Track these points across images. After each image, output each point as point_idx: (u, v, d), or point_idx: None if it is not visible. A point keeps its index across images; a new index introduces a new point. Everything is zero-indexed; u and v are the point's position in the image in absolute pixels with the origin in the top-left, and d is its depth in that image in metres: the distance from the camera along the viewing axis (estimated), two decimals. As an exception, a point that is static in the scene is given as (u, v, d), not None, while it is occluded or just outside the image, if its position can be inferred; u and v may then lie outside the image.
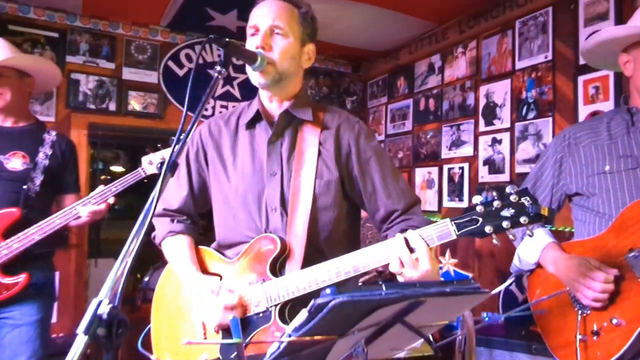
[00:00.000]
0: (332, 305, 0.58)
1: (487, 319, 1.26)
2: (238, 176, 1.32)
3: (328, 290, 0.61)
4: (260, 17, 1.25)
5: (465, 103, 3.30)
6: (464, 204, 3.26)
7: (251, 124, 1.36)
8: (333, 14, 3.18)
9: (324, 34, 1.37)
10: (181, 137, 1.00)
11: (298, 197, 1.25)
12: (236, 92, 3.80)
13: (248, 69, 1.27)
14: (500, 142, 3.01)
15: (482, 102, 3.15)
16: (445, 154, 3.45)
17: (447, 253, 3.11)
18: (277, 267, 1.21)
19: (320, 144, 1.29)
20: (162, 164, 0.98)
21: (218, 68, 1.09)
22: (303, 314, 0.64)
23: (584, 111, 2.50)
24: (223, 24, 3.43)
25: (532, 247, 1.47)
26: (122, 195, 2.10)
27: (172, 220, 1.41)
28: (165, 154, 2.02)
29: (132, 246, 0.94)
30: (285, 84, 1.30)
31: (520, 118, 2.87)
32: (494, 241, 0.95)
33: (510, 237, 0.97)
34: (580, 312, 1.30)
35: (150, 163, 2.06)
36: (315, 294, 1.11)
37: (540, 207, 0.91)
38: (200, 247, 1.39)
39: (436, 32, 3.55)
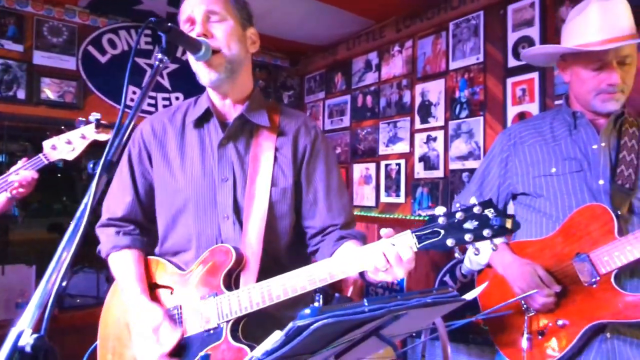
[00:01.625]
0: (314, 328, 0.52)
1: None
2: (186, 179, 1.21)
3: (307, 311, 0.55)
4: (194, 6, 1.16)
5: (401, 101, 3.37)
6: (401, 200, 3.34)
7: (200, 123, 1.25)
8: (269, 5, 3.08)
9: (260, 25, 1.30)
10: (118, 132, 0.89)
11: (252, 205, 1.17)
12: (166, 83, 3.56)
13: (195, 66, 1.17)
14: (435, 139, 3.12)
15: (418, 100, 3.24)
16: (382, 150, 3.51)
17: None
18: (232, 280, 1.12)
19: (276, 149, 1.22)
20: (95, 163, 0.85)
21: (159, 56, 0.98)
22: (277, 336, 0.58)
23: (512, 111, 2.65)
24: (151, 8, 3.18)
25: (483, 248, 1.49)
26: (34, 190, 1.85)
27: (118, 233, 1.26)
28: (71, 136, 1.77)
29: (61, 261, 0.81)
30: (236, 77, 1.21)
31: (454, 117, 2.99)
32: (456, 255, 0.92)
33: (473, 251, 0.93)
34: (527, 312, 1.35)
35: (53, 148, 1.79)
36: (272, 308, 1.05)
37: (505, 219, 0.88)
38: (150, 257, 1.26)
39: (373, 29, 3.58)
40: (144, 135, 1.28)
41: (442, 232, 0.92)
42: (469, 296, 0.76)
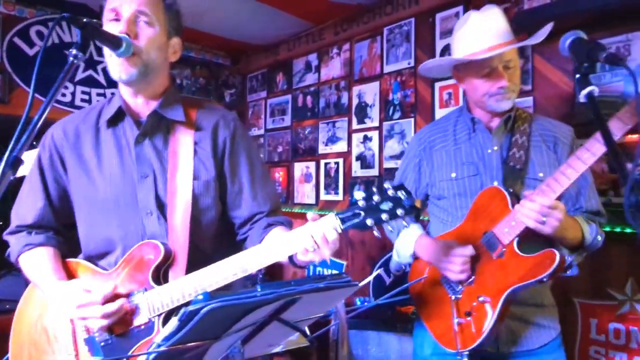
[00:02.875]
0: (204, 312, 0.57)
1: (359, 303, 1.33)
2: (105, 180, 1.21)
3: (201, 296, 0.60)
4: (123, 1, 1.15)
5: (340, 102, 3.48)
6: (339, 197, 3.45)
7: (113, 122, 1.24)
8: (210, 3, 3.07)
9: (200, 22, 1.32)
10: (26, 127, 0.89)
11: (175, 199, 1.18)
12: (100, 78, 3.44)
13: (109, 59, 1.16)
14: (370, 139, 3.25)
15: (355, 101, 3.36)
16: (322, 149, 3.60)
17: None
18: (161, 275, 1.14)
19: (195, 143, 1.24)
20: None
21: (74, 52, 0.98)
22: (173, 323, 0.62)
23: (439, 113, 2.82)
24: (84, 1, 3.06)
25: (407, 240, 1.63)
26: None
27: (30, 233, 1.23)
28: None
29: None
30: (151, 79, 1.22)
31: (388, 118, 3.13)
32: (375, 233, 1.00)
33: (389, 228, 1.03)
34: (453, 297, 1.47)
35: None
36: None
37: (414, 199, 0.98)
38: (69, 259, 1.24)
39: (313, 31, 3.66)
40: (55, 139, 1.25)
41: (363, 213, 1.01)
42: (361, 283, 0.84)
